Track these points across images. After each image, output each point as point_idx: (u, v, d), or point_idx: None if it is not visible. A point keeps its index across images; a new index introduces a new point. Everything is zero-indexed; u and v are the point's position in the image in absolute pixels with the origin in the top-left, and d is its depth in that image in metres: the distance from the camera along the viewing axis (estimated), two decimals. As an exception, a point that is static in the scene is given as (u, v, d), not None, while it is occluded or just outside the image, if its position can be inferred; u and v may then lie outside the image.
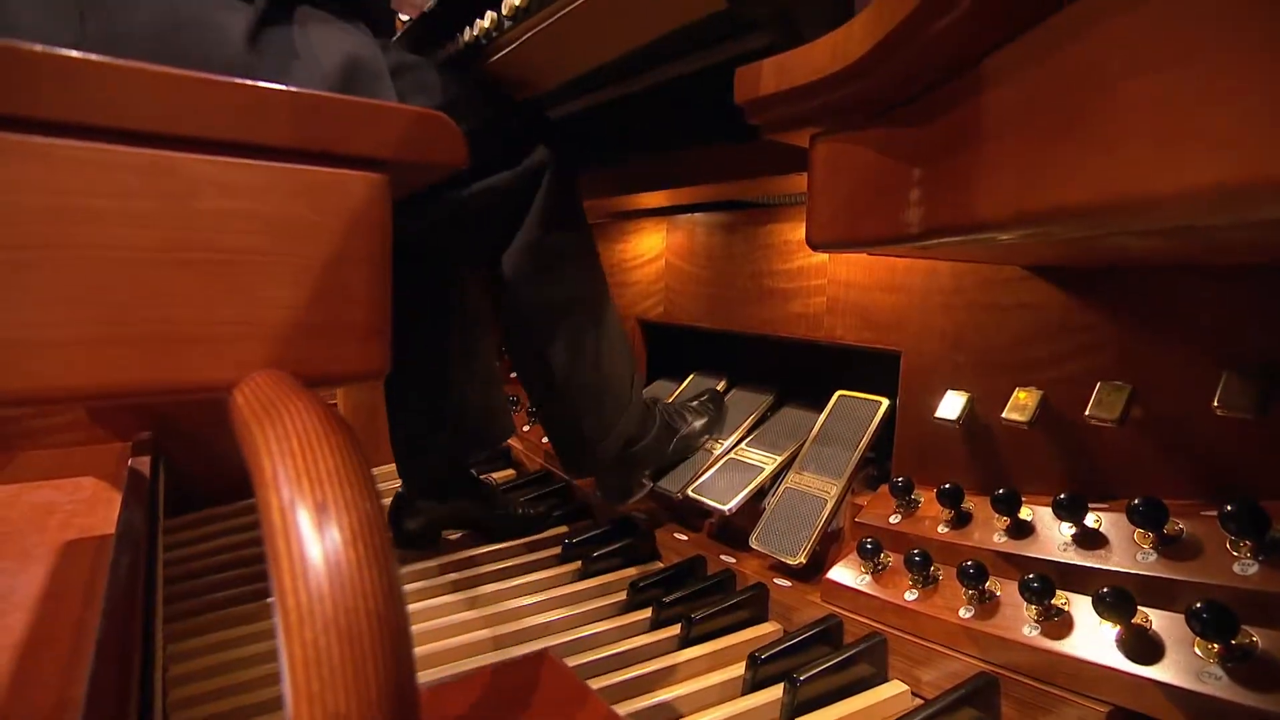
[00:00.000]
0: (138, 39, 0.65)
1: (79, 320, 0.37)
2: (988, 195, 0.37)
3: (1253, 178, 0.22)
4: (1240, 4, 0.22)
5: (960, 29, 0.37)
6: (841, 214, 0.55)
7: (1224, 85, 0.23)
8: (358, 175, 0.43)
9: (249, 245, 0.40)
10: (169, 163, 0.38)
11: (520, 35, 0.79)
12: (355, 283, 0.43)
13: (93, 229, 0.37)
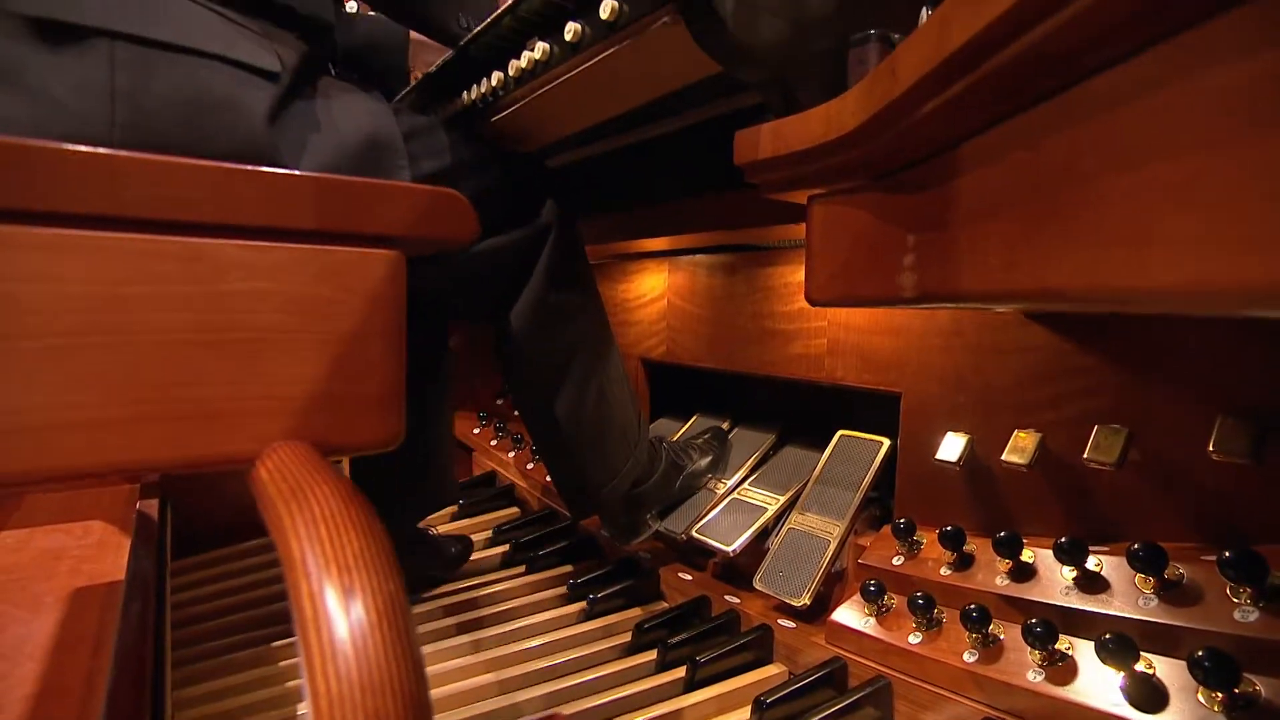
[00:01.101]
0: (165, 118, 0.67)
1: (114, 401, 0.39)
2: (975, 270, 0.39)
3: (1218, 283, 0.23)
4: (1206, 114, 0.24)
5: (945, 114, 0.39)
6: (839, 273, 0.57)
7: (1191, 190, 0.25)
8: (375, 253, 0.46)
9: (273, 323, 0.42)
10: (200, 249, 0.40)
11: (524, 96, 0.82)
12: (372, 356, 0.45)
13: (129, 315, 0.39)
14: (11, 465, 0.37)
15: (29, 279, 0.36)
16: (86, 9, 0.65)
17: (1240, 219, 0.23)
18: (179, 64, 0.69)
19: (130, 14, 0.67)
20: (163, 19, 0.69)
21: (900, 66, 0.42)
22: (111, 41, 0.65)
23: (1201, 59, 0.25)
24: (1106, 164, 0.29)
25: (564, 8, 0.69)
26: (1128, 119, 0.28)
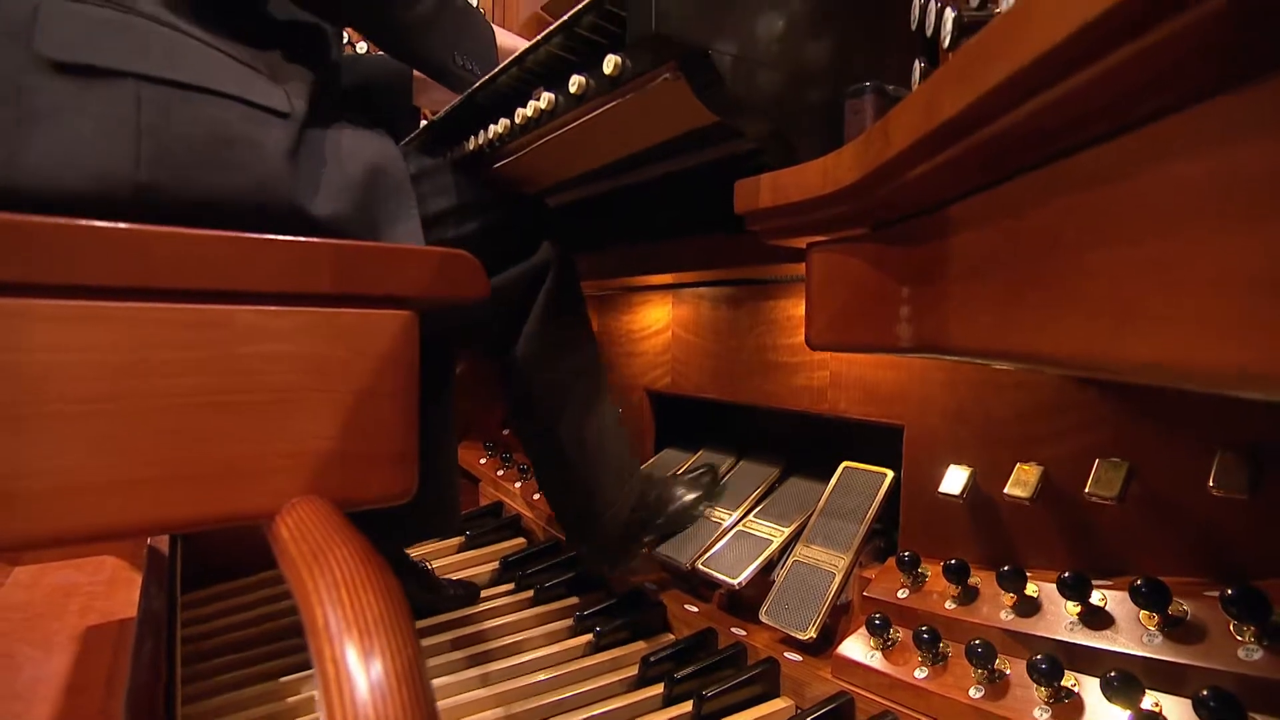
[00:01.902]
0: (187, 154, 0.69)
1: (140, 463, 0.40)
2: (967, 327, 0.41)
3: (1197, 364, 0.25)
4: (1180, 200, 0.26)
5: (935, 178, 0.41)
6: (837, 319, 0.58)
7: (1168, 272, 0.26)
8: (389, 314, 0.47)
9: (290, 384, 0.44)
10: (220, 315, 0.42)
11: (530, 143, 0.84)
12: (385, 412, 0.47)
13: (153, 380, 0.40)
14: (45, 527, 0.38)
15: (61, 349, 0.38)
16: (115, 53, 0.68)
17: (1216, 305, 0.24)
18: (199, 103, 0.72)
19: (154, 57, 0.70)
20: (182, 62, 0.72)
21: (893, 130, 0.43)
22: (138, 82, 0.68)
23: (1175, 148, 0.26)
24: (1087, 238, 0.30)
25: (569, 61, 0.72)
26: (1105, 198, 0.29)
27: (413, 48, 0.92)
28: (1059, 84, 0.28)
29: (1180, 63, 0.24)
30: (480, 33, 0.96)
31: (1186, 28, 0.22)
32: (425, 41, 0.90)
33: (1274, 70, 0.22)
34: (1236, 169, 0.23)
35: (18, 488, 0.37)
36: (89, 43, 0.67)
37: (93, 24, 0.68)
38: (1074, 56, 0.27)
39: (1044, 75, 0.28)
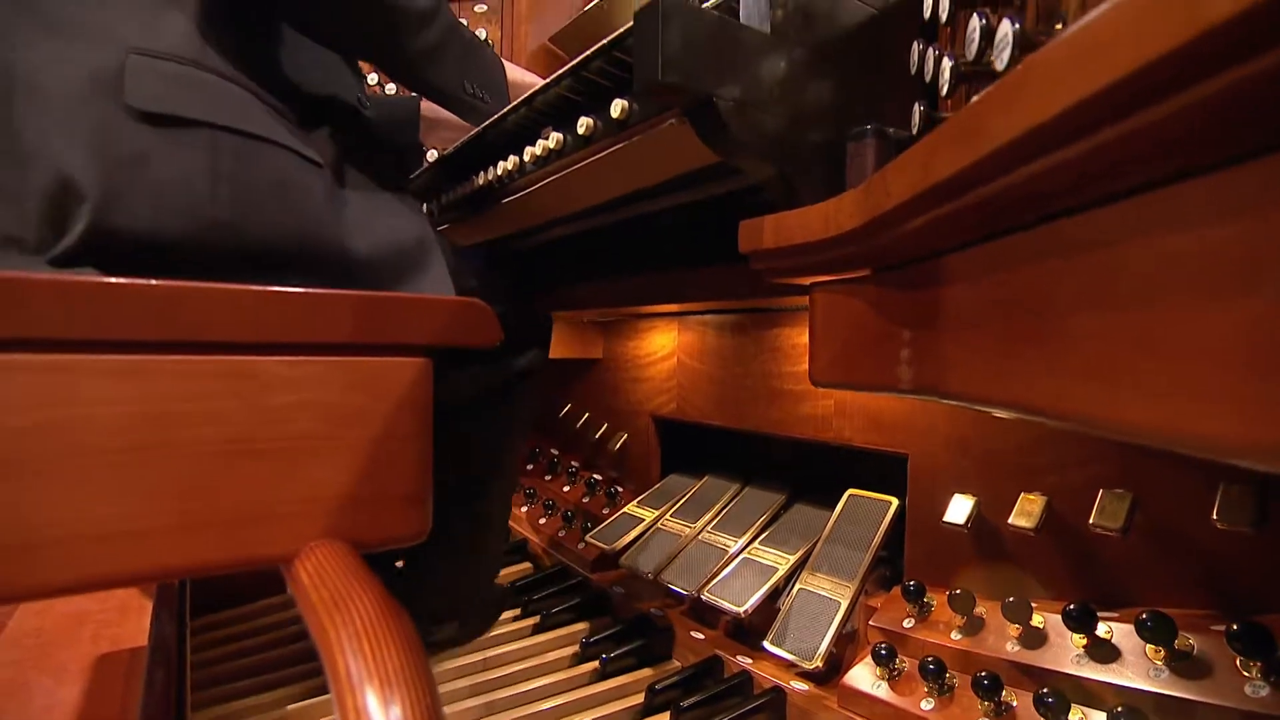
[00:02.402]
0: (254, 196, 0.76)
1: (166, 510, 0.42)
2: (965, 375, 0.42)
3: (1184, 433, 0.26)
4: (1167, 271, 0.27)
5: (932, 230, 0.42)
6: (839, 359, 0.60)
7: (1155, 340, 0.27)
8: (405, 362, 0.49)
9: (310, 431, 0.45)
10: (244, 366, 0.44)
11: (538, 180, 0.86)
12: (401, 456, 0.48)
13: (179, 430, 0.42)
14: (75, 574, 0.39)
15: (98, 402, 0.40)
16: (193, 105, 0.74)
17: (1200, 377, 0.25)
18: (262, 151, 0.78)
19: (225, 110, 0.77)
20: (247, 114, 0.79)
21: (892, 183, 0.45)
22: (214, 132, 0.75)
23: (1160, 221, 0.27)
24: (1078, 300, 0.32)
25: (577, 103, 0.74)
26: (1094, 263, 0.31)
27: (422, 76, 0.95)
28: (1046, 156, 0.30)
29: (1161, 144, 0.25)
30: (489, 62, 0.99)
31: (1166, 117, 0.23)
32: (434, 69, 0.93)
33: (1251, 158, 0.23)
34: (1217, 247, 0.24)
35: (51, 536, 0.38)
36: (171, 95, 0.73)
37: (172, 79, 0.74)
38: (1061, 133, 0.28)
39: (1032, 147, 0.30)
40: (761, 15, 0.65)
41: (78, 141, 0.69)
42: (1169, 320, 0.26)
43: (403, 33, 0.88)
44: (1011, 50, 0.45)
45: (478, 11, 1.75)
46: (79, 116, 0.70)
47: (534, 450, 1.94)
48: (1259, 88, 0.20)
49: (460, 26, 0.97)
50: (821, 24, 0.69)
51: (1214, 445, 0.25)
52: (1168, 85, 0.22)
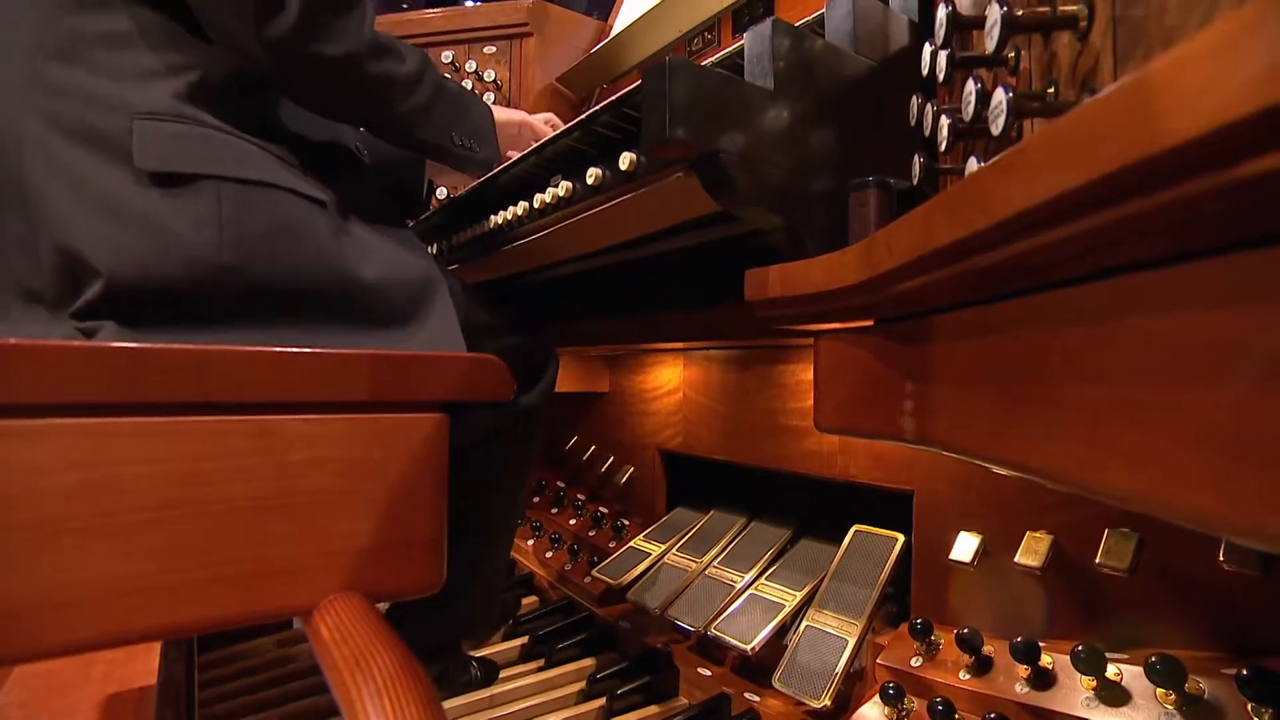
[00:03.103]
0: (260, 240, 0.79)
1: (193, 565, 0.43)
2: (965, 431, 0.43)
3: (1169, 506, 0.27)
4: (1148, 351, 0.28)
5: (932, 290, 0.44)
6: (844, 406, 0.61)
7: (1140, 415, 0.28)
8: (422, 418, 0.50)
9: (330, 486, 0.47)
10: (269, 425, 0.45)
11: (547, 225, 0.89)
12: (417, 509, 0.49)
13: (207, 488, 0.43)
14: (102, 630, 0.40)
15: (127, 462, 0.41)
16: (197, 160, 0.78)
17: (1182, 455, 0.26)
18: (265, 196, 0.81)
19: (226, 161, 0.80)
20: (248, 163, 0.82)
21: (893, 243, 0.46)
22: (218, 183, 0.78)
23: (1141, 302, 0.29)
24: (1067, 370, 0.33)
25: (586, 153, 0.76)
26: (1081, 335, 0.32)
27: (412, 135, 0.99)
28: (1033, 235, 0.31)
29: (1135, 234, 0.27)
30: (475, 112, 1.02)
31: (1134, 215, 0.25)
32: (423, 128, 0.96)
33: (1222, 252, 0.25)
34: (1191, 333, 0.26)
35: (86, 593, 0.40)
36: (175, 154, 0.77)
37: (176, 138, 0.78)
38: (1043, 217, 0.29)
39: (1020, 227, 0.31)
40: (764, 71, 0.67)
41: (87, 205, 0.73)
42: (1150, 398, 0.28)
43: (392, 100, 0.91)
44: (1006, 117, 0.46)
45: (486, 53, 1.80)
46: (88, 182, 0.74)
47: (540, 483, 1.95)
48: (1218, 198, 0.21)
49: (444, 81, 0.99)
50: (822, 77, 0.71)
51: (1194, 520, 0.26)
52: (1131, 190, 0.24)
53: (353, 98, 0.90)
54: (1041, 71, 0.55)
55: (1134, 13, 0.42)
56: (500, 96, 1.78)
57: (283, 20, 0.79)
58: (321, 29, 0.82)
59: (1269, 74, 0.19)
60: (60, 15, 0.78)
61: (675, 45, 1.63)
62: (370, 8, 0.88)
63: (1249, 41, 0.20)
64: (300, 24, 0.80)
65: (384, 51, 0.89)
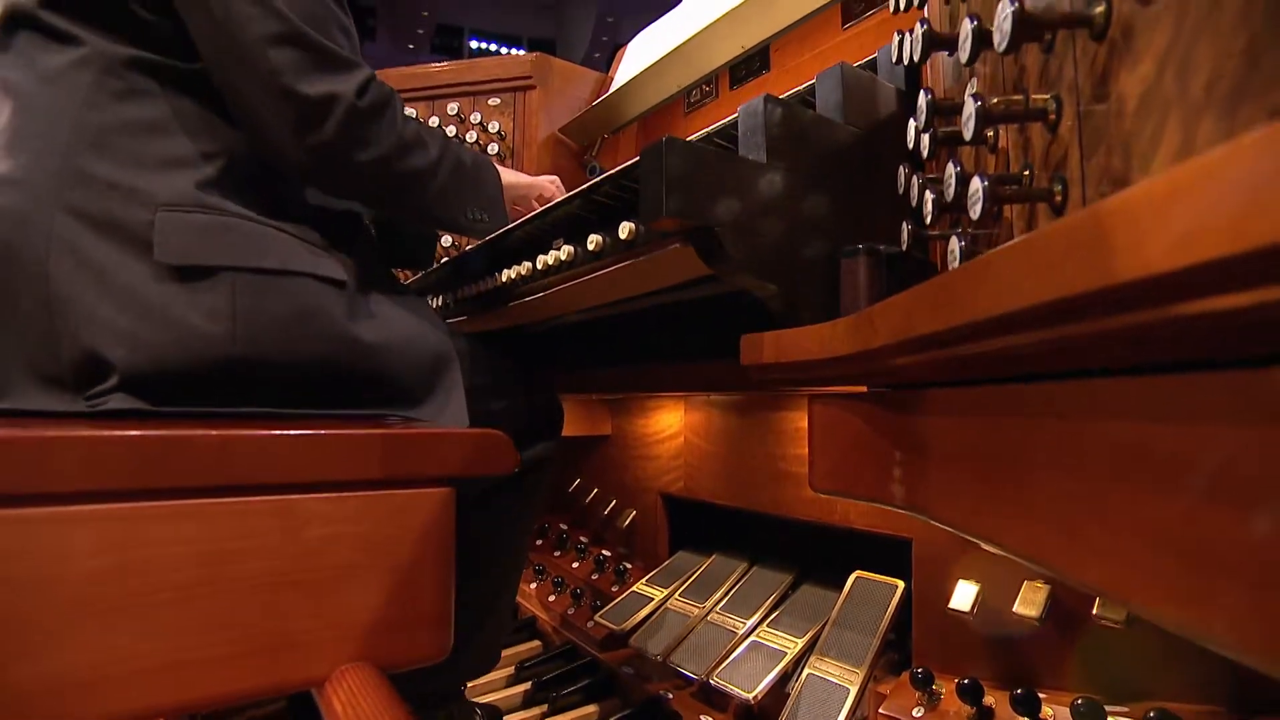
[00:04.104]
0: (274, 328, 0.80)
1: (214, 642, 0.45)
2: (950, 505, 0.45)
3: (1134, 600, 0.29)
4: (1109, 452, 0.31)
5: (916, 369, 0.46)
6: (837, 469, 0.63)
7: (1105, 513, 0.31)
8: (432, 492, 0.52)
9: (345, 561, 0.49)
10: (288, 504, 0.48)
11: (548, 286, 0.92)
12: (426, 581, 0.51)
13: (230, 566, 0.45)
14: (129, 706, 0.42)
15: (155, 544, 0.43)
16: (214, 252, 0.80)
17: (1146, 557, 0.28)
18: (280, 284, 0.83)
19: (243, 251, 0.82)
20: (266, 250, 0.84)
21: (878, 323, 0.49)
22: (233, 274, 0.80)
23: (1104, 406, 0.31)
24: (1039, 459, 0.35)
25: (587, 220, 0.79)
26: (1051, 429, 0.34)
27: (432, 215, 1.02)
28: (998, 338, 0.34)
29: (1091, 348, 0.29)
30: (488, 185, 1.05)
31: (1085, 334, 0.27)
32: (440, 207, 0.99)
33: (1178, 370, 0.27)
34: (1151, 442, 0.28)
35: (114, 672, 0.41)
36: (196, 247, 0.79)
37: (197, 230, 0.80)
38: (1009, 325, 0.32)
39: (986, 330, 0.34)
40: (757, 144, 0.70)
41: (107, 300, 0.75)
42: (1116, 498, 0.30)
43: (415, 190, 0.94)
44: (983, 204, 0.49)
45: (491, 104, 1.85)
46: (110, 275, 0.76)
47: (543, 525, 1.96)
48: (1152, 328, 0.24)
49: (461, 156, 1.02)
50: (813, 147, 0.74)
51: (1154, 618, 0.28)
52: (1080, 312, 0.26)
53: (380, 192, 0.93)
54: (1019, 152, 0.58)
55: (1097, 111, 0.45)
56: (504, 146, 1.83)
57: (324, 131, 0.82)
58: (358, 137, 0.85)
59: (1196, 235, 0.21)
60: (99, 107, 0.80)
61: (675, 98, 1.68)
62: (399, 103, 0.92)
63: (1180, 203, 0.22)
64: (340, 134, 0.83)
65: (411, 148, 0.91)
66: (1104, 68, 0.44)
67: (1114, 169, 0.42)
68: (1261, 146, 0.19)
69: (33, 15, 0.83)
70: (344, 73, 0.85)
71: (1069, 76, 0.49)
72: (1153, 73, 0.38)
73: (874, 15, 1.30)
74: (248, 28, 0.81)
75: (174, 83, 0.85)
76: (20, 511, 0.39)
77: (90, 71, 0.82)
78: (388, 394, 0.88)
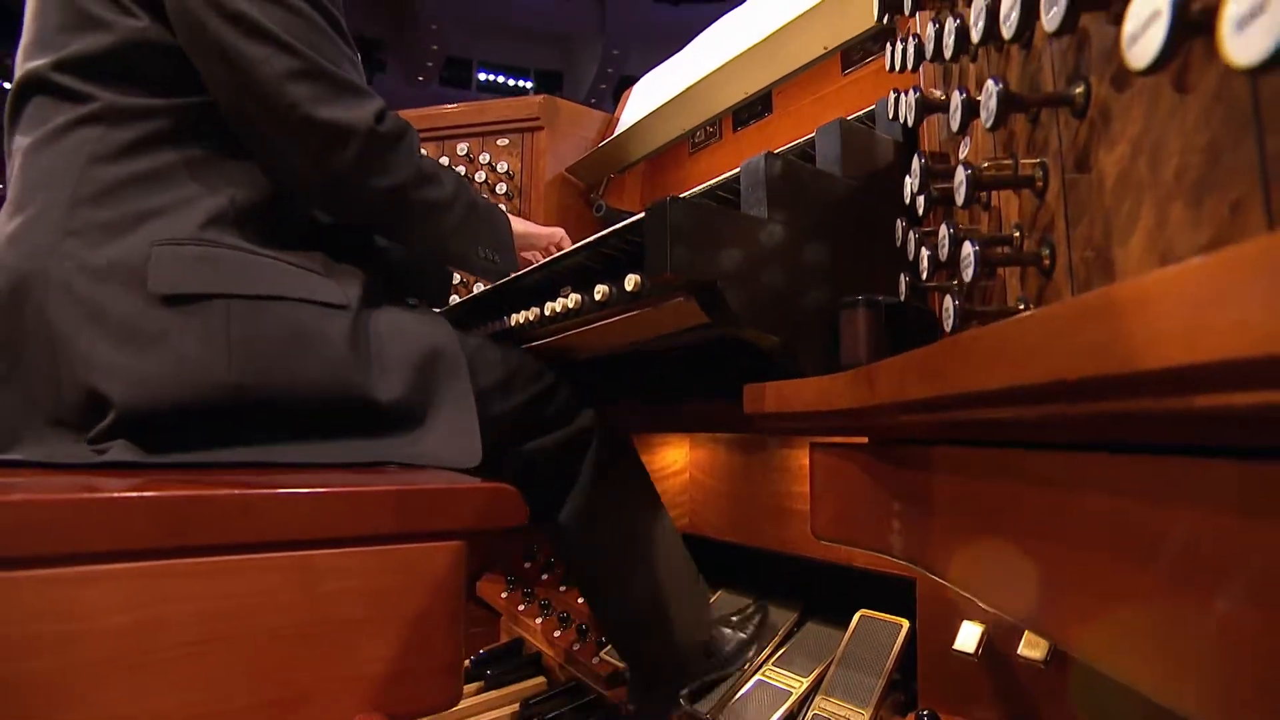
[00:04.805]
0: (270, 354, 0.81)
1: (230, 695, 0.46)
2: (942, 559, 0.46)
3: (1111, 668, 0.30)
4: (1091, 522, 0.32)
5: (912, 427, 0.48)
6: (838, 517, 0.64)
7: (1088, 582, 0.32)
8: (443, 546, 0.54)
9: (357, 614, 0.50)
10: (304, 560, 0.49)
11: (556, 332, 0.94)
12: (436, 633, 0.53)
13: (247, 621, 0.47)
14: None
15: (176, 600, 0.45)
16: (207, 281, 0.81)
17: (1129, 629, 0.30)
18: (276, 310, 0.84)
19: (237, 279, 0.83)
20: (260, 278, 0.85)
21: (876, 382, 0.51)
22: (227, 301, 0.81)
23: (1092, 480, 0.33)
24: (1034, 521, 0.37)
25: (594, 270, 0.82)
26: (1044, 494, 0.36)
27: (445, 251, 1.04)
28: (981, 409, 0.35)
29: (1064, 428, 0.31)
30: (499, 228, 1.07)
31: (1057, 415, 0.29)
32: (455, 243, 1.01)
33: (1151, 452, 0.29)
34: (1126, 518, 0.30)
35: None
36: (188, 277, 0.81)
37: (189, 261, 0.82)
38: (990, 400, 0.34)
39: (971, 402, 0.36)
40: (759, 200, 0.73)
41: (104, 336, 0.77)
42: (1098, 569, 0.31)
43: (430, 222, 0.96)
44: (974, 268, 0.51)
45: (500, 144, 1.89)
46: (107, 312, 0.78)
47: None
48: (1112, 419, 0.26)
49: (476, 198, 1.04)
50: (813, 202, 0.77)
51: (1133, 684, 0.29)
52: (1055, 397, 0.28)
53: (395, 221, 0.96)
54: (1011, 210, 0.60)
55: (1080, 182, 0.47)
56: (512, 185, 1.87)
57: (344, 157, 0.85)
58: (377, 164, 0.88)
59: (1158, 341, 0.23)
60: (105, 160, 0.83)
61: (680, 140, 1.72)
62: (415, 136, 0.95)
63: (1124, 317, 0.24)
64: (359, 159, 0.86)
65: (427, 180, 0.94)
66: (1085, 143, 0.46)
67: (1096, 239, 0.44)
68: (1204, 271, 0.21)
69: (46, 79, 0.86)
70: (361, 101, 0.88)
71: (1054, 146, 0.51)
72: (1128, 155, 0.40)
73: (872, 63, 1.34)
74: (263, 67, 0.84)
75: (181, 127, 0.88)
76: (50, 572, 0.41)
77: (99, 126, 0.85)
78: (387, 421, 0.88)
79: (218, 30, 0.82)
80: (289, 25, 0.85)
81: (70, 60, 0.86)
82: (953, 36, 0.56)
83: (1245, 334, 0.19)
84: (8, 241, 0.82)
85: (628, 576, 1.17)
